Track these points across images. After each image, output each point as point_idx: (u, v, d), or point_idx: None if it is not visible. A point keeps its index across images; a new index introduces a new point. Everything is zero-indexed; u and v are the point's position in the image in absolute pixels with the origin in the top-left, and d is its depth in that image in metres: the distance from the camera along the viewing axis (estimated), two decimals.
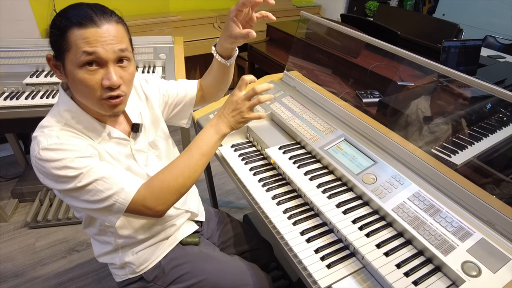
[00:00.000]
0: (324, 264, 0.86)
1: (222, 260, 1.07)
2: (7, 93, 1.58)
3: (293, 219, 0.98)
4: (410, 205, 0.92)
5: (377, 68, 1.96)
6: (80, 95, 0.77)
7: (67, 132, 0.77)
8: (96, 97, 0.74)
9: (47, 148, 0.72)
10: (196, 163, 0.85)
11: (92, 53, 0.70)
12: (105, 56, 0.71)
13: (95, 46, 0.69)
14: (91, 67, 0.71)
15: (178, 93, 1.07)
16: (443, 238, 0.83)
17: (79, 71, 0.71)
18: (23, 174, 2.22)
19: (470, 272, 0.76)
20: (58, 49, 0.73)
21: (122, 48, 0.73)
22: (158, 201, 0.80)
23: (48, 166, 0.72)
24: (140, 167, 0.93)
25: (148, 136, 0.97)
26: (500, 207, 0.85)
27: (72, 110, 0.79)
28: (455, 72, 0.98)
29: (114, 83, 0.73)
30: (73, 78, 0.73)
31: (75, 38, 0.69)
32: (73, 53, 0.70)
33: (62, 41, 0.70)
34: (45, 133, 0.74)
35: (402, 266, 0.81)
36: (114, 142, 0.87)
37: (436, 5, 3.49)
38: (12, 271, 1.72)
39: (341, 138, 1.16)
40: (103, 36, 0.70)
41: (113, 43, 0.72)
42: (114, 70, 0.73)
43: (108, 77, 0.72)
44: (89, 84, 0.72)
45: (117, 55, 0.73)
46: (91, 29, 0.69)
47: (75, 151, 0.74)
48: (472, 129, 1.64)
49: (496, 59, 2.35)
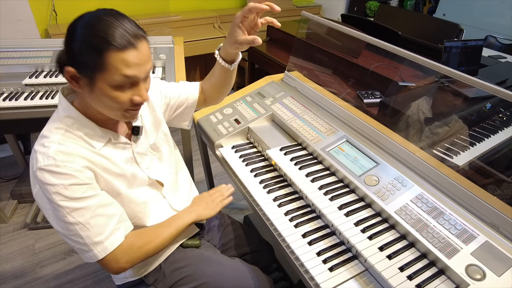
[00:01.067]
0: (326, 267, 0.85)
1: (223, 263, 1.06)
2: (6, 94, 1.56)
3: (294, 221, 0.97)
4: (413, 207, 0.91)
5: (378, 68, 1.96)
6: (103, 108, 0.77)
7: (68, 140, 0.77)
8: (122, 110, 0.77)
9: (43, 169, 0.72)
10: (170, 239, 0.92)
11: (130, 77, 0.72)
12: (140, 76, 0.74)
13: (134, 70, 0.72)
14: (125, 86, 0.74)
15: (180, 96, 1.07)
16: (446, 240, 0.82)
17: (113, 90, 0.72)
18: (22, 175, 2.21)
19: (475, 275, 0.75)
20: (88, 66, 0.69)
21: (150, 67, 0.77)
22: (128, 263, 0.82)
23: (42, 187, 0.74)
24: (141, 170, 0.92)
25: (149, 138, 0.97)
26: (504, 209, 0.84)
27: (72, 117, 0.79)
28: (457, 73, 0.97)
29: (145, 100, 0.78)
30: (103, 94, 0.72)
31: (114, 61, 0.69)
32: (109, 74, 0.70)
33: (97, 60, 0.68)
34: (43, 148, 0.74)
35: (405, 269, 0.80)
36: (115, 147, 0.86)
37: (436, 5, 3.48)
38: (11, 272, 1.71)
39: (343, 139, 1.15)
40: (141, 59, 0.72)
41: (146, 64, 0.75)
42: (144, 87, 0.77)
43: (141, 94, 0.76)
44: (121, 101, 0.74)
45: (147, 75, 0.77)
46: (131, 53, 0.70)
47: (70, 176, 0.73)
48: (474, 129, 1.63)
49: (497, 59, 2.35)
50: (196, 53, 2.88)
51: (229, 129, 1.30)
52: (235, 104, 1.43)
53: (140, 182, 0.92)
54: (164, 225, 0.93)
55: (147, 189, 0.95)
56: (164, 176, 1.00)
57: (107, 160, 0.83)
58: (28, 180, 2.12)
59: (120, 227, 0.81)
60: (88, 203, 0.76)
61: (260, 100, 1.42)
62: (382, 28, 2.23)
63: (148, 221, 0.95)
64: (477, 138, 1.58)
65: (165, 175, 1.01)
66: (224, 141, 1.28)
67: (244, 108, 1.40)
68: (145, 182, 0.94)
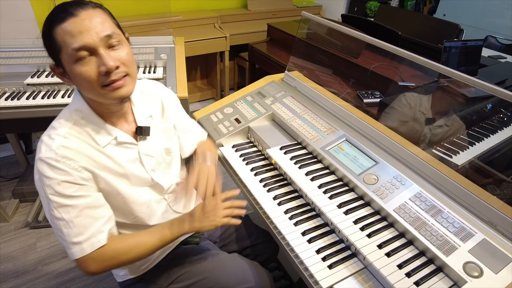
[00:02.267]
0: (325, 265, 0.86)
1: (223, 258, 1.07)
2: (8, 93, 1.58)
3: (294, 219, 0.98)
4: (411, 206, 0.92)
5: (378, 68, 1.96)
6: (85, 91, 0.77)
7: (74, 133, 0.79)
8: (98, 86, 0.74)
9: (43, 160, 0.75)
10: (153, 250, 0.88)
11: (79, 48, 0.70)
12: (93, 43, 0.71)
13: (80, 38, 0.69)
14: (84, 59, 0.71)
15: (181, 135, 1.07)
16: (444, 238, 0.83)
17: (75, 67, 0.71)
18: (24, 174, 2.22)
19: (472, 272, 0.76)
20: (53, 55, 0.73)
21: (108, 34, 0.73)
22: (100, 270, 0.81)
23: (39, 176, 0.76)
24: (146, 171, 0.92)
25: (160, 141, 0.97)
26: (502, 208, 0.85)
27: (82, 111, 0.81)
28: (456, 72, 0.98)
29: (110, 67, 0.72)
30: (73, 76, 0.73)
31: (60, 36, 0.70)
32: (64, 52, 0.71)
33: (52, 44, 0.71)
34: (49, 139, 0.76)
35: (403, 266, 0.81)
36: (120, 146, 0.87)
37: (436, 5, 3.49)
38: (13, 271, 1.72)
39: (343, 139, 1.16)
40: (84, 24, 0.70)
41: (96, 28, 0.71)
42: (106, 54, 0.73)
43: (103, 62, 0.72)
44: (87, 75, 0.72)
45: (105, 41, 0.73)
46: (69, 21, 0.69)
47: (65, 173, 0.75)
48: (473, 129, 1.64)
49: (497, 59, 2.35)
50: (196, 53, 2.89)
51: (230, 129, 1.31)
52: (236, 104, 1.44)
53: (142, 182, 0.92)
54: (150, 234, 0.88)
55: (149, 191, 0.95)
56: (169, 180, 1.00)
57: (109, 160, 0.84)
58: (30, 180, 2.14)
59: (103, 230, 0.80)
60: (76, 202, 0.77)
61: (261, 99, 1.43)
62: (382, 28, 2.24)
63: (150, 220, 0.96)
64: (476, 137, 1.59)
65: (170, 179, 1.01)
66: (224, 140, 1.29)
67: (245, 107, 1.41)
68: (148, 183, 0.94)
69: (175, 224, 0.90)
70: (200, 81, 3.52)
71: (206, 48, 2.92)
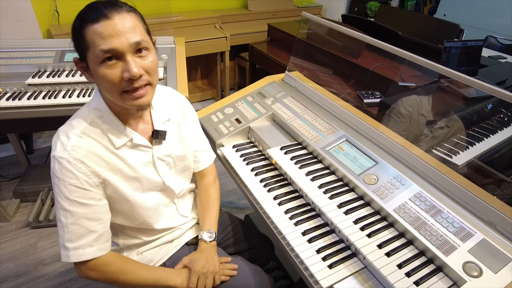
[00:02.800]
0: (325, 264, 0.86)
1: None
2: (9, 93, 1.58)
3: (294, 219, 0.98)
4: (411, 206, 0.92)
5: (378, 68, 1.97)
6: (105, 91, 0.78)
7: (90, 133, 0.80)
8: (119, 91, 0.75)
9: (56, 159, 0.77)
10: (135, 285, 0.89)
11: (108, 50, 0.70)
12: (121, 48, 0.71)
13: (110, 42, 0.70)
14: (110, 62, 0.72)
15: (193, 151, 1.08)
16: (444, 238, 0.83)
17: (100, 68, 0.72)
18: (25, 174, 2.22)
19: (472, 272, 0.76)
20: (80, 51, 0.74)
21: (137, 40, 0.73)
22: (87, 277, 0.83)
23: (51, 172, 0.79)
24: (158, 175, 0.93)
25: (174, 147, 0.97)
26: (501, 208, 0.85)
27: (100, 110, 0.82)
28: (456, 73, 0.98)
29: (134, 74, 0.72)
30: (96, 75, 0.74)
31: (91, 36, 0.70)
32: (92, 52, 0.71)
33: (81, 41, 0.72)
34: (66, 138, 0.78)
35: (403, 266, 0.81)
36: (135, 149, 0.87)
37: (437, 5, 3.49)
38: (14, 270, 1.73)
39: (343, 139, 1.16)
40: (116, 28, 0.70)
41: (127, 34, 0.71)
42: (133, 61, 0.73)
43: (128, 68, 0.72)
44: (110, 79, 0.73)
45: (133, 48, 0.73)
46: (102, 23, 0.70)
47: (74, 176, 0.77)
48: (473, 129, 1.64)
49: (497, 59, 2.35)
50: (197, 53, 2.89)
51: (230, 129, 1.32)
52: (236, 104, 1.44)
53: (153, 186, 0.93)
54: (148, 269, 0.91)
55: (158, 195, 0.96)
56: (180, 185, 1.01)
57: (122, 162, 0.84)
58: (30, 180, 2.15)
59: (93, 245, 0.81)
60: (76, 210, 0.78)
61: (261, 100, 1.43)
62: (383, 29, 2.24)
63: (157, 224, 0.97)
64: (476, 138, 1.59)
65: (181, 185, 1.02)
66: (225, 140, 1.29)
67: (245, 107, 1.41)
68: (158, 187, 0.95)
69: (171, 273, 0.93)
70: (201, 81, 3.53)
71: (206, 48, 2.93)
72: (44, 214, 1.98)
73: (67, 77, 1.68)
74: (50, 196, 2.08)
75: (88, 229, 0.80)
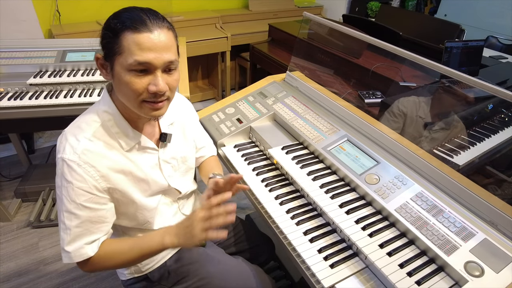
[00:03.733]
0: (327, 264, 0.86)
1: (227, 262, 1.07)
2: (11, 93, 1.58)
3: (296, 219, 0.98)
4: (413, 206, 0.92)
5: (379, 68, 1.97)
6: (123, 96, 0.78)
7: (100, 135, 0.80)
8: (139, 99, 0.75)
9: (65, 162, 0.76)
10: (135, 261, 0.87)
11: (143, 63, 0.71)
12: (156, 64, 0.72)
13: (147, 55, 0.70)
14: (140, 73, 0.73)
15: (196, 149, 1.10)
16: (446, 238, 0.83)
17: (127, 74, 0.72)
18: (26, 174, 2.23)
19: (473, 272, 0.76)
20: (109, 51, 0.74)
21: (171, 60, 0.75)
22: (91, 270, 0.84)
23: (58, 174, 0.78)
24: (163, 177, 0.93)
25: (178, 149, 0.98)
26: (503, 207, 0.85)
27: (110, 112, 0.82)
28: (457, 73, 0.98)
29: (161, 90, 0.74)
30: (119, 79, 0.74)
31: (128, 42, 0.70)
32: (124, 57, 0.71)
33: (114, 43, 0.72)
34: (75, 141, 0.77)
35: (405, 266, 0.81)
36: (142, 151, 0.88)
37: (437, 5, 3.49)
38: (15, 270, 1.73)
39: (344, 139, 1.16)
40: (155, 43, 0.71)
41: (163, 51, 0.73)
42: (161, 77, 0.74)
43: (156, 83, 0.73)
44: (135, 88, 0.73)
45: (166, 65, 0.75)
46: (144, 34, 0.70)
47: (82, 179, 0.76)
48: (474, 129, 1.64)
49: (498, 59, 2.35)
50: (198, 53, 2.89)
51: (231, 129, 1.32)
52: (237, 104, 1.44)
53: (159, 188, 0.93)
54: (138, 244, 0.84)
55: (162, 196, 0.97)
56: (185, 186, 1.02)
57: (132, 164, 0.85)
58: (32, 179, 2.15)
59: (95, 243, 0.82)
60: (81, 213, 0.78)
61: (262, 99, 1.44)
62: (383, 29, 2.24)
63: (156, 225, 0.97)
64: (477, 138, 1.59)
65: (186, 186, 1.02)
66: (226, 140, 1.29)
67: (246, 107, 1.41)
68: (163, 190, 0.95)
69: (155, 237, 0.83)
70: (202, 81, 3.53)
71: (207, 48, 2.93)
72: (45, 213, 1.98)
73: (69, 77, 1.68)
74: (51, 196, 2.09)
75: (90, 231, 0.80)
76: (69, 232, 0.78)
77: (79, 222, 0.78)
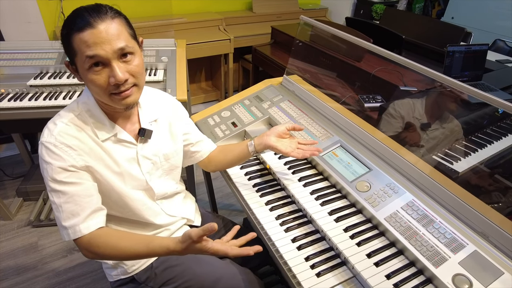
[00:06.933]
0: (313, 272, 0.85)
1: (214, 264, 1.06)
2: (11, 94, 1.60)
3: (285, 225, 0.97)
4: (403, 215, 0.90)
5: (381, 72, 1.94)
6: (94, 94, 0.83)
7: (76, 122, 0.83)
8: (107, 94, 0.79)
9: (43, 144, 0.80)
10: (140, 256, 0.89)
11: (93, 56, 0.73)
12: (105, 55, 0.74)
13: (94, 49, 0.73)
14: (97, 68, 0.75)
15: (192, 145, 1.09)
16: (435, 249, 0.81)
17: (88, 73, 0.76)
18: (28, 173, 2.26)
19: (461, 285, 0.74)
20: (69, 56, 0.79)
21: (121, 47, 0.76)
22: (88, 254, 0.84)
23: (40, 159, 0.82)
24: (141, 173, 0.94)
25: (160, 147, 0.98)
26: (496, 219, 0.83)
27: (88, 104, 0.86)
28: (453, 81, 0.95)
29: (120, 80, 0.76)
30: (85, 79, 0.79)
31: (77, 44, 0.74)
32: (79, 58, 0.75)
33: (70, 48, 0.76)
34: (53, 125, 0.81)
35: (392, 277, 0.80)
36: (119, 144, 0.90)
37: (445, 8, 3.44)
38: (14, 268, 1.75)
39: (337, 145, 1.15)
40: (100, 37, 0.73)
41: (111, 41, 0.74)
42: (118, 67, 0.76)
43: (113, 74, 0.76)
44: (98, 84, 0.77)
45: (118, 54, 0.76)
46: (87, 31, 0.72)
47: (60, 158, 0.79)
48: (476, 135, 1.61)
49: (505, 63, 2.30)
50: (201, 55, 2.90)
51: (226, 132, 1.31)
52: (233, 107, 1.44)
53: (136, 183, 0.93)
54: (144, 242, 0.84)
55: (142, 194, 0.96)
56: (162, 187, 1.01)
57: (106, 154, 0.87)
58: (34, 179, 2.18)
59: (88, 220, 0.82)
60: (66, 189, 0.80)
61: (258, 103, 1.43)
62: (386, 32, 2.21)
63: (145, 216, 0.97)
64: (479, 144, 1.55)
65: (164, 187, 1.01)
66: (220, 143, 1.28)
67: (242, 111, 1.41)
68: (142, 186, 0.95)
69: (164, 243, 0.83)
70: (205, 83, 3.54)
71: (210, 50, 2.93)
72: (46, 213, 2.00)
73: (68, 79, 1.70)
74: None
75: (81, 205, 0.82)
76: (61, 209, 0.81)
77: (67, 198, 0.80)
